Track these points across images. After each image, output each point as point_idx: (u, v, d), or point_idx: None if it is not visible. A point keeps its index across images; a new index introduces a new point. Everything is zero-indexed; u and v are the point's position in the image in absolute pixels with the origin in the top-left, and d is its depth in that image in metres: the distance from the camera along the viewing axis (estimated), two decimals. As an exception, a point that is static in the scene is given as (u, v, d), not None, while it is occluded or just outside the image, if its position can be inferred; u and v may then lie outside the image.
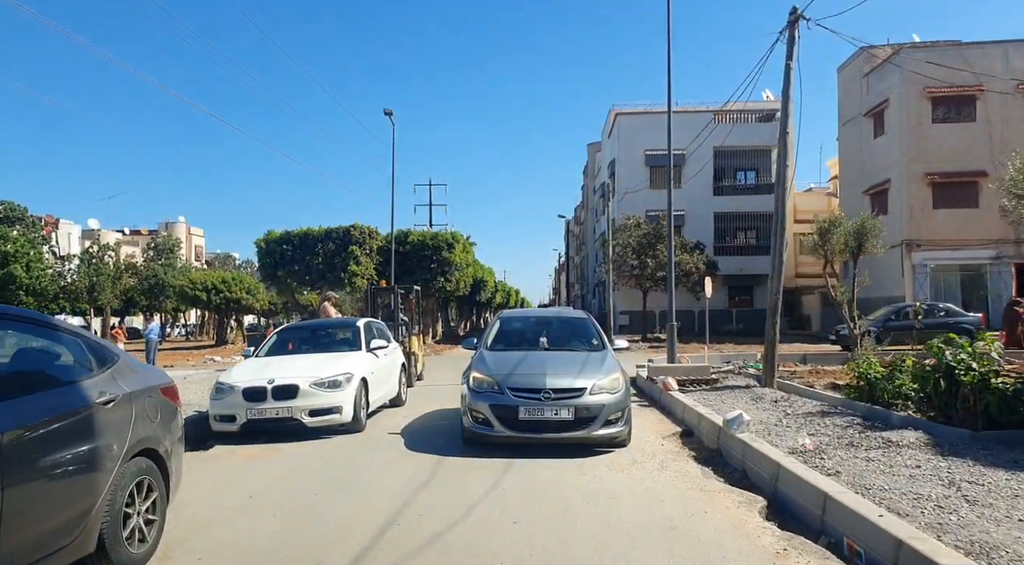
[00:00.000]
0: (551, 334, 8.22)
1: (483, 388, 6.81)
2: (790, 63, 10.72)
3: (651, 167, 35.23)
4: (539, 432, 6.52)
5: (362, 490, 5.52)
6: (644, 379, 12.05)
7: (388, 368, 9.80)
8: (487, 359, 7.41)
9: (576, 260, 70.02)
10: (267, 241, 23.61)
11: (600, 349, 7.84)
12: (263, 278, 25.92)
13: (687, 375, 11.64)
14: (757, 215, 35.58)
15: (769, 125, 35.55)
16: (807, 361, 16.92)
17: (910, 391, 7.87)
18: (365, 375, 8.50)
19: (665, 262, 29.76)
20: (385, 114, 23.92)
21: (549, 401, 6.48)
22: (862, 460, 5.46)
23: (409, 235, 26.71)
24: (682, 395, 9.71)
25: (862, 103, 28.79)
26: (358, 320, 9.82)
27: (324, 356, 8.69)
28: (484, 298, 42.75)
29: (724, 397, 9.86)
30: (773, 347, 10.68)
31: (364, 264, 23.82)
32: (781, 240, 10.59)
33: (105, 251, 41.93)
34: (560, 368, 6.94)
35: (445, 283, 26.82)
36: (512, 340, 8.30)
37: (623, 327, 33.62)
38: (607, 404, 6.56)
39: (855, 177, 29.55)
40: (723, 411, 8.39)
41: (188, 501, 5.20)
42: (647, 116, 36.13)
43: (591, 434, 6.50)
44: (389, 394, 9.96)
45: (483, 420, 6.66)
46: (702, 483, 5.59)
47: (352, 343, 9.24)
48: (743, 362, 15.62)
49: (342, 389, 7.91)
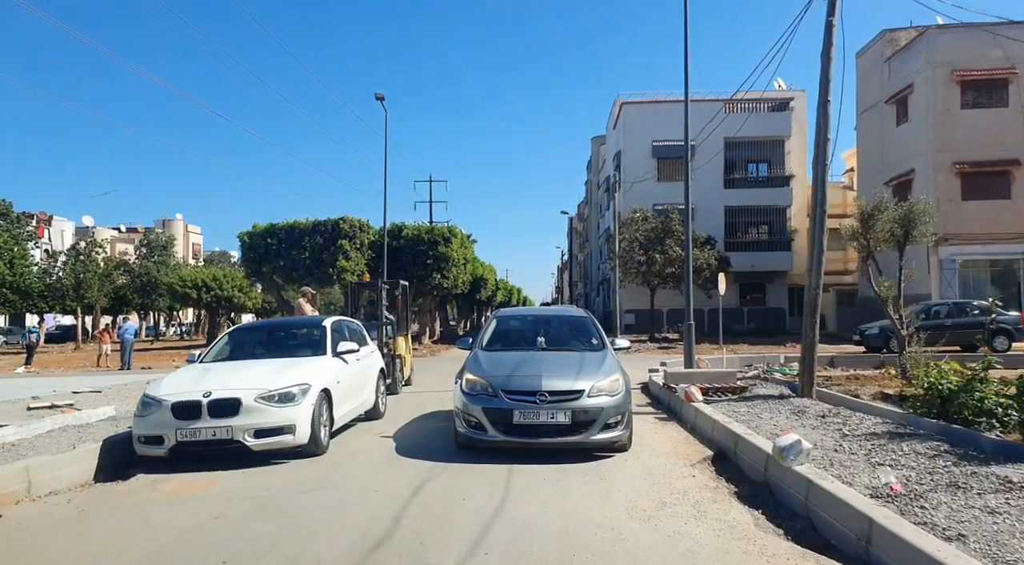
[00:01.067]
0: (549, 334, 7.94)
1: (476, 390, 6.56)
2: (831, 19, 9.20)
3: (658, 159, 33.68)
4: (535, 437, 6.28)
5: (301, 548, 4.04)
6: (660, 386, 10.54)
7: (361, 375, 8.32)
8: (481, 360, 7.19)
9: (579, 258, 68.52)
10: (250, 235, 22.13)
11: (600, 349, 7.58)
12: (247, 274, 24.49)
13: (710, 382, 10.14)
14: (769, 209, 34.02)
15: (782, 114, 34.00)
16: (835, 364, 15.41)
17: (997, 407, 6.37)
18: (328, 385, 7.02)
19: (674, 258, 28.48)
20: (377, 99, 22.46)
21: (545, 404, 6.24)
22: (983, 512, 3.95)
23: (403, 229, 25.20)
24: (708, 407, 8.23)
25: (883, 89, 27.24)
26: (326, 318, 8.31)
27: (279, 362, 7.20)
28: (484, 296, 41.24)
29: (757, 409, 8.38)
30: (812, 350, 9.17)
31: (355, 259, 22.35)
32: (822, 226, 9.08)
33: (92, 247, 40.52)
34: (557, 369, 6.68)
35: (442, 280, 25.32)
36: (508, 340, 8.08)
37: (629, 326, 32.09)
38: (606, 407, 6.31)
39: (875, 168, 27.98)
40: (762, 428, 6.91)
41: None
42: (654, 106, 34.61)
43: (589, 439, 6.27)
44: (363, 406, 8.49)
45: (476, 424, 6.40)
46: (759, 541, 4.09)
47: (316, 346, 7.75)
48: (767, 366, 14.11)
49: (296, 404, 6.43)
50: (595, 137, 54.64)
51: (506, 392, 6.35)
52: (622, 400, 6.46)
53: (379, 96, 22.26)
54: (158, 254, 51.51)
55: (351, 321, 9.40)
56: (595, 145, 54.29)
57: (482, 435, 6.34)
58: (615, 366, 6.93)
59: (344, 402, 7.55)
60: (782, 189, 33.96)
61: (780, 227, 34.24)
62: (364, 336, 9.29)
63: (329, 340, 7.79)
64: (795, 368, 14.07)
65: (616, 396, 6.42)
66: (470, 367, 6.98)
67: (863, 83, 29.11)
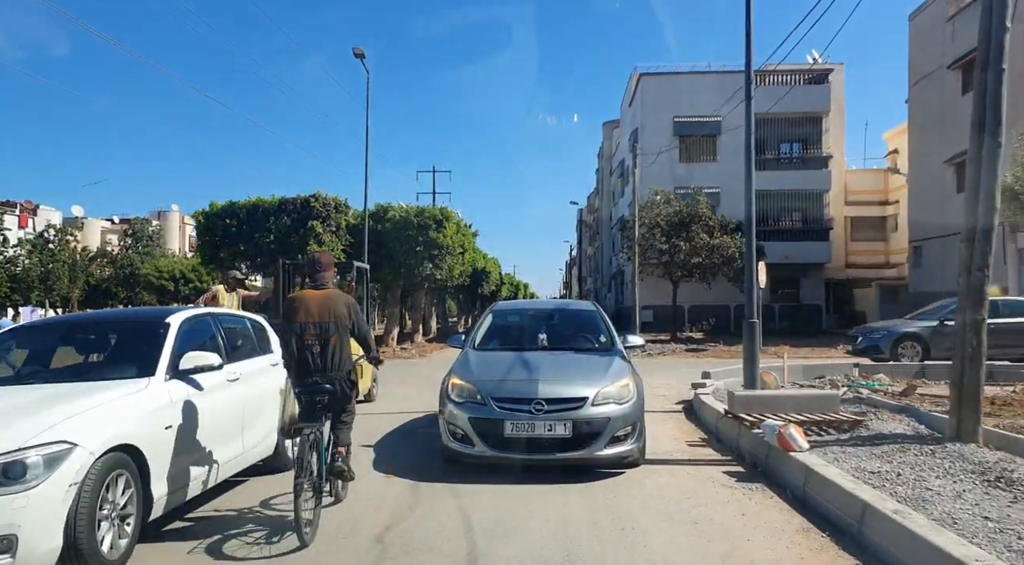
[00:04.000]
0: (552, 330, 7.21)
1: (463, 397, 5.78)
2: None
3: (680, 137, 30.09)
4: (530, 452, 5.46)
5: None
6: (722, 416, 7.13)
7: (235, 409, 4.95)
8: (471, 361, 6.48)
9: (589, 252, 65.04)
10: (206, 215, 18.76)
11: (608, 349, 6.79)
12: (202, 260, 21.29)
13: (798, 410, 6.72)
14: (804, 194, 30.39)
15: (821, 87, 30.36)
16: (926, 374, 11.92)
17: None
18: (134, 439, 3.68)
19: (701, 246, 24.82)
20: (356, 56, 19.09)
21: (542, 414, 5.43)
22: None
23: (389, 211, 21.76)
24: (825, 464, 4.86)
25: (944, 53, 23.60)
26: (172, 314, 4.85)
27: (44, 393, 3.86)
28: (487, 291, 37.78)
29: (899, 465, 5.07)
30: (977, 365, 5.73)
31: (329, 244, 19.00)
32: (995, 157, 5.64)
33: (62, 236, 37.43)
34: (557, 373, 5.92)
35: (434, 270, 21.91)
36: (505, 337, 7.35)
37: (646, 324, 28.58)
38: (613, 417, 5.51)
39: (933, 144, 24.34)
40: (931, 509, 3.62)
41: None
42: (676, 78, 31.08)
43: (594, 454, 5.44)
44: (252, 453, 5.18)
45: (462, 436, 5.63)
46: None
47: (144, 360, 4.36)
48: (848, 379, 10.65)
49: (26, 485, 3.10)
50: (607, 122, 51.18)
51: (496, 400, 5.60)
52: (633, 408, 5.70)
53: (358, 52, 18.88)
54: (143, 245, 48.41)
55: (240, 317, 6.01)
56: (607, 130, 50.82)
57: (468, 449, 5.61)
58: (625, 368, 6.14)
59: (187, 462, 4.21)
60: (819, 172, 30.34)
61: (816, 214, 30.62)
62: (265, 342, 5.92)
63: (167, 351, 4.39)
64: (884, 381, 10.65)
65: (625, 404, 5.66)
66: (457, 369, 6.25)
67: (918, 48, 25.47)
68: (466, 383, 5.86)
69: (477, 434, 5.52)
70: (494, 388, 5.70)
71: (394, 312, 24.50)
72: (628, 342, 7.07)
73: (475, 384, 5.80)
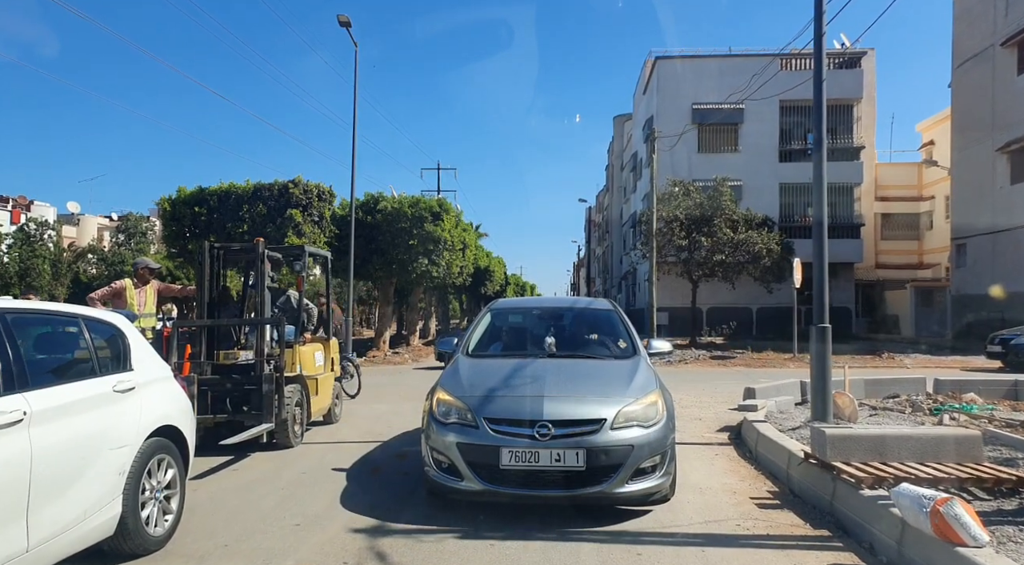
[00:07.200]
0: (561, 333, 5.99)
1: (450, 416, 4.59)
2: None
3: (700, 125, 27.90)
4: (532, 488, 4.28)
5: None
6: (802, 460, 4.99)
7: (12, 472, 2.87)
8: (461, 370, 5.21)
9: (598, 252, 62.85)
10: (172, 202, 16.68)
11: (629, 356, 5.53)
12: (168, 252, 19.27)
13: (920, 457, 4.60)
14: (834, 187, 28.02)
15: (852, 73, 28.14)
16: (1019, 395, 9.74)
17: None
18: None
19: (724, 242, 22.57)
20: (341, 25, 17.07)
21: (547, 439, 4.25)
22: None
23: (380, 200, 19.70)
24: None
25: (996, 30, 21.40)
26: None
27: None
28: (491, 291, 35.65)
29: None
30: None
31: (311, 235, 16.96)
32: None
33: (44, 229, 35.62)
34: (568, 386, 4.77)
35: (430, 266, 19.82)
36: (505, 341, 6.18)
37: (661, 328, 26.42)
38: (638, 444, 4.30)
39: (982, 131, 22.12)
40: None
41: None
42: (694, 62, 28.91)
43: (613, 490, 4.24)
44: (74, 528, 3.11)
45: (448, 466, 4.46)
46: None
47: None
48: (936, 402, 8.49)
49: None
50: (617, 116, 49.02)
51: (491, 421, 4.41)
52: (662, 432, 4.45)
53: (342, 20, 16.86)
54: (135, 241, 46.61)
55: (71, 316, 3.87)
56: (617, 124, 48.66)
57: (455, 483, 4.41)
58: (652, 381, 4.85)
59: None
60: (849, 164, 28.06)
61: (847, 210, 28.36)
62: (119, 355, 3.87)
63: None
64: (979, 403, 8.48)
65: (653, 427, 4.43)
66: (445, 381, 5.02)
67: (964, 26, 23.25)
68: (454, 399, 4.69)
69: (467, 464, 4.39)
70: (488, 406, 4.55)
71: (386, 312, 22.43)
72: (652, 348, 5.92)
73: (465, 400, 4.64)
